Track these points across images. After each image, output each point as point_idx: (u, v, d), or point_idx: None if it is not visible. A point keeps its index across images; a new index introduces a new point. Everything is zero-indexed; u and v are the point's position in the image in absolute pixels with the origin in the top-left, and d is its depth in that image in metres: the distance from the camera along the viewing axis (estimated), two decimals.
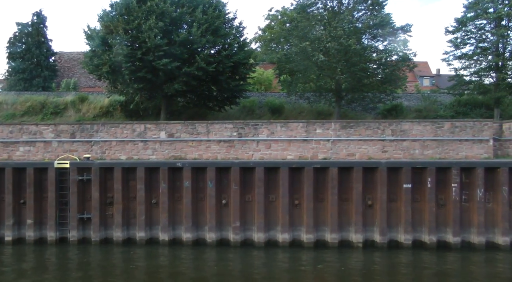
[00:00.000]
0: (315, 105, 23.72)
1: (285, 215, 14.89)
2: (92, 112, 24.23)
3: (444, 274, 12.79)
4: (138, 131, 17.08)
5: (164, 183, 15.40)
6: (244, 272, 12.94)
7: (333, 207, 14.77)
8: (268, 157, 16.34)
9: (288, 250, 14.72)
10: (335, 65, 18.64)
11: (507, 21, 21.68)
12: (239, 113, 23.57)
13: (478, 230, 14.80)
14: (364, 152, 16.16)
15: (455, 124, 16.29)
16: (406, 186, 14.67)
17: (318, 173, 14.98)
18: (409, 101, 26.53)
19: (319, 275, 12.55)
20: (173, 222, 15.57)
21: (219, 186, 15.34)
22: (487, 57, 22.30)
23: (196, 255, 14.51)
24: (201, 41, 18.27)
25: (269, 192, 15.19)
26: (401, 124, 16.21)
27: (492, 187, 15.06)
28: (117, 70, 18.55)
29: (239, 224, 15.05)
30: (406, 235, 14.74)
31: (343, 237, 14.96)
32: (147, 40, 17.82)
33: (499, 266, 13.61)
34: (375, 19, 18.89)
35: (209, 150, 16.57)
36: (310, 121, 16.40)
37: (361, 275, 12.64)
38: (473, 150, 16.28)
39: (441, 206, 15.04)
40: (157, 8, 18.28)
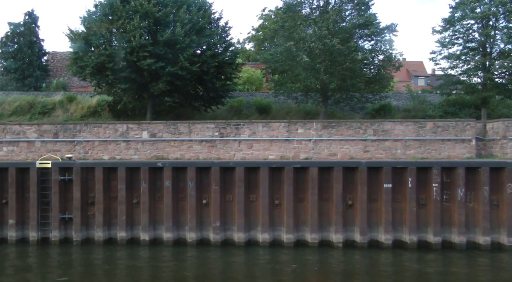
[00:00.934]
0: (302, 105, 23.68)
1: (265, 215, 14.86)
2: (80, 112, 24.20)
3: (423, 274, 12.76)
4: (121, 131, 17.06)
5: (145, 182, 15.38)
6: (224, 272, 12.92)
7: (313, 207, 14.74)
8: (250, 156, 16.31)
9: (268, 250, 14.70)
10: (319, 65, 18.60)
11: (494, 21, 21.62)
12: (226, 113, 23.54)
13: (459, 230, 14.76)
14: (346, 151, 16.11)
15: (438, 124, 16.24)
16: (387, 186, 14.63)
17: (298, 173, 14.95)
18: (398, 101, 26.48)
19: (298, 275, 12.53)
20: (154, 222, 15.56)
21: (199, 185, 15.32)
22: (474, 57, 22.24)
23: (177, 255, 14.50)
24: (184, 41, 18.23)
25: (250, 191, 15.17)
26: (383, 124, 16.16)
27: (473, 187, 15.01)
28: (100, 70, 18.53)
29: (219, 223, 15.03)
30: (386, 235, 14.70)
31: (323, 237, 14.93)
32: (131, 40, 17.80)
33: (479, 266, 13.57)
34: (360, 19, 18.83)
35: (191, 150, 16.55)
36: (292, 121, 16.38)
37: (339, 274, 12.64)
38: (456, 149, 16.24)
39: (422, 206, 15.00)
40: (141, 8, 18.25)
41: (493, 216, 15.00)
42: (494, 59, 21.99)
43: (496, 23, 21.82)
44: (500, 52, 22.40)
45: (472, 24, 22.23)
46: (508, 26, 21.45)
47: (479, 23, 22.07)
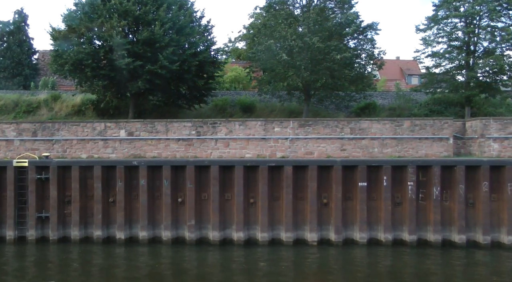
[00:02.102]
0: (287, 104, 23.63)
1: (240, 214, 14.83)
2: (65, 111, 24.16)
3: (397, 271, 12.73)
4: (99, 129, 17.03)
5: (121, 181, 15.35)
6: (198, 270, 12.90)
7: (287, 206, 14.70)
8: (226, 155, 16.27)
9: (243, 248, 14.68)
10: (299, 63, 18.54)
11: (478, 19, 21.54)
12: (210, 111, 23.48)
13: (434, 228, 14.74)
14: (322, 150, 16.06)
15: (415, 123, 16.19)
16: (362, 184, 14.59)
17: (273, 172, 14.92)
18: (384, 99, 26.41)
19: (267, 273, 12.50)
20: (129, 220, 15.54)
21: (175, 184, 15.30)
22: (458, 55, 22.16)
23: (152, 253, 14.51)
24: (164, 40, 18.18)
25: (225, 190, 15.14)
26: (360, 122, 16.11)
27: (449, 185, 14.98)
28: (79, 68, 18.50)
29: (194, 222, 15.00)
30: (361, 233, 14.67)
31: (299, 236, 14.90)
32: (109, 39, 17.76)
33: (453, 263, 13.52)
34: (341, 18, 18.74)
35: (168, 149, 16.51)
36: (269, 120, 16.33)
37: (310, 272, 12.60)
38: (433, 148, 16.18)
39: (397, 204, 14.97)
40: (120, 7, 18.20)
41: (469, 214, 14.98)
42: (477, 58, 21.91)
43: (479, 22, 21.73)
44: (484, 50, 22.33)
45: (456, 23, 22.16)
46: (490, 25, 21.39)
47: (463, 22, 21.99)
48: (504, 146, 16.38)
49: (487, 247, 14.68)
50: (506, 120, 16.51)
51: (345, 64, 18.52)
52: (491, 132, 16.33)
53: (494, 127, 16.36)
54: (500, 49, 22.32)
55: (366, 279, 12.24)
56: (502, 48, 22.31)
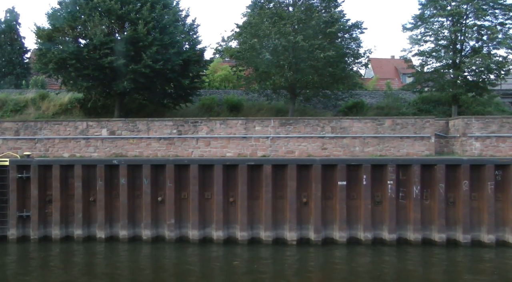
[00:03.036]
0: (274, 103, 23.60)
1: (219, 213, 14.81)
2: (52, 110, 24.13)
3: (376, 271, 12.66)
4: (81, 129, 17.00)
5: (101, 180, 15.33)
6: (177, 269, 12.93)
7: (267, 205, 14.68)
8: (207, 154, 16.24)
9: (222, 247, 14.67)
10: (283, 62, 18.51)
11: (464, 18, 21.49)
12: (197, 110, 23.46)
13: (414, 227, 14.71)
14: (303, 149, 16.03)
15: (396, 122, 16.15)
16: (341, 183, 14.56)
17: (253, 171, 14.90)
18: (373, 98, 26.38)
19: (249, 272, 12.50)
20: (110, 219, 15.53)
21: (155, 183, 15.28)
22: (445, 54, 22.11)
23: (132, 252, 14.51)
24: (147, 39, 18.15)
25: (205, 189, 15.12)
26: (341, 121, 16.07)
27: (429, 184, 14.95)
28: (63, 67, 18.48)
29: (174, 221, 14.99)
30: (341, 232, 14.64)
31: (278, 235, 14.87)
32: (93, 38, 17.73)
33: (433, 262, 13.48)
34: (325, 17, 18.68)
35: (149, 147, 16.49)
36: (249, 119, 16.30)
37: (287, 271, 12.56)
38: (415, 147, 16.15)
39: (377, 203, 14.94)
40: (103, 5, 18.17)
41: (449, 213, 14.95)
42: (464, 57, 21.87)
43: (466, 20, 21.69)
44: (471, 49, 22.29)
45: (443, 22, 22.10)
46: (477, 24, 21.34)
47: (450, 21, 21.95)
48: (486, 144, 16.35)
49: (467, 246, 14.66)
50: (488, 119, 16.48)
51: (329, 63, 18.45)
52: (473, 131, 16.30)
53: (476, 126, 16.33)
54: (487, 48, 22.29)
55: (345, 278, 12.20)
56: (489, 47, 22.28)
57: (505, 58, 22.08)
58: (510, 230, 14.74)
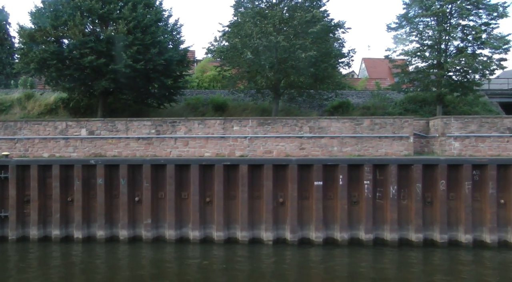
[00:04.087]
0: (260, 103, 23.58)
1: (196, 213, 14.80)
2: (38, 110, 24.10)
3: (352, 271, 12.61)
4: (60, 128, 16.98)
5: (78, 180, 15.32)
6: (152, 269, 12.85)
7: (243, 205, 14.65)
8: (186, 154, 16.21)
9: (199, 247, 14.64)
10: (264, 62, 18.48)
11: (449, 17, 21.45)
12: (182, 110, 23.44)
13: (391, 227, 14.67)
14: (281, 149, 16.00)
15: (375, 121, 16.10)
16: (317, 183, 14.53)
17: (229, 171, 14.87)
18: (359, 98, 26.34)
19: (224, 272, 12.47)
20: (87, 219, 15.50)
21: (132, 183, 15.26)
22: (430, 54, 22.08)
23: (108, 252, 14.46)
24: (128, 39, 18.12)
25: (181, 189, 15.10)
26: (319, 121, 16.03)
27: (406, 184, 14.91)
28: (44, 67, 18.46)
29: (150, 221, 14.97)
30: (317, 232, 14.60)
31: (254, 235, 14.85)
32: (73, 37, 17.71)
33: (410, 262, 13.42)
34: (308, 17, 18.62)
35: (128, 147, 16.46)
36: (227, 119, 16.26)
37: (262, 272, 12.53)
38: (393, 147, 16.12)
39: (354, 203, 14.90)
40: (84, 5, 18.14)
41: (427, 213, 14.93)
42: (448, 57, 21.84)
43: (450, 20, 21.65)
44: (456, 49, 22.26)
45: (428, 22, 22.07)
46: (462, 24, 21.32)
47: (434, 21, 21.92)
48: (465, 144, 16.32)
49: (444, 246, 14.63)
50: (467, 119, 16.45)
51: (311, 63, 18.41)
52: (452, 131, 16.28)
53: (455, 126, 16.30)
54: (472, 48, 22.26)
55: (319, 279, 12.17)
56: (474, 47, 22.25)
57: (490, 58, 22.06)
58: (488, 230, 14.71)
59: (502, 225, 14.78)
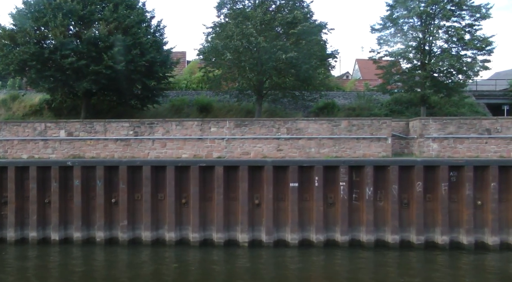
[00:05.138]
0: (245, 104, 23.56)
1: (172, 214, 14.78)
2: (23, 111, 24.11)
3: (328, 271, 12.64)
4: (39, 130, 16.95)
5: (56, 182, 15.30)
6: (128, 271, 12.88)
7: (219, 206, 14.63)
8: (163, 155, 16.19)
9: (174, 249, 14.63)
10: (244, 64, 18.48)
11: (433, 18, 21.45)
12: (167, 111, 23.43)
13: (367, 229, 14.65)
14: (259, 150, 15.98)
15: (352, 123, 16.08)
16: (293, 185, 14.51)
17: (205, 172, 14.86)
18: (346, 99, 26.34)
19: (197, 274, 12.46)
20: (64, 221, 15.48)
21: (108, 184, 15.25)
22: (415, 55, 22.09)
23: (84, 255, 14.44)
24: (108, 40, 18.12)
25: (158, 190, 15.10)
26: (296, 122, 16.01)
27: (383, 185, 14.90)
28: (24, 68, 18.46)
29: (127, 222, 14.95)
30: (292, 234, 14.58)
31: (230, 236, 14.83)
32: (53, 38, 17.71)
33: (385, 264, 13.39)
34: (289, 18, 18.62)
35: (106, 149, 16.44)
36: (205, 120, 16.24)
37: (224, 274, 12.52)
38: (371, 148, 16.09)
39: (330, 205, 14.88)
40: (65, 6, 18.13)
41: (403, 214, 14.91)
42: (433, 58, 21.83)
43: (434, 21, 21.65)
44: (441, 50, 22.26)
45: (412, 23, 22.08)
46: (440, 25, 21.31)
47: (418, 22, 21.93)
48: (444, 145, 16.30)
49: (421, 247, 14.62)
50: (446, 120, 16.44)
51: (292, 64, 18.40)
52: (430, 132, 16.26)
53: (434, 127, 16.28)
54: (456, 49, 22.26)
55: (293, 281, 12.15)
56: (458, 48, 22.25)
57: (474, 59, 22.07)
58: (465, 231, 14.69)
59: (478, 227, 14.77)
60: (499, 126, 16.40)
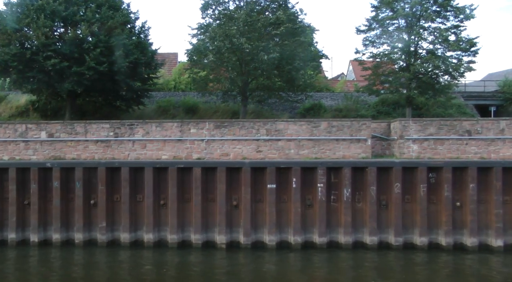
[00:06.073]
0: (231, 105, 23.57)
1: (150, 215, 14.78)
2: (9, 112, 24.10)
3: (307, 274, 12.61)
4: (20, 131, 16.95)
5: (35, 183, 15.29)
6: (106, 273, 12.87)
7: (196, 207, 14.64)
8: (143, 156, 16.20)
9: (152, 250, 14.62)
10: (226, 64, 18.48)
11: (415, 21, 21.48)
12: (153, 113, 23.44)
13: (345, 230, 14.65)
14: (238, 151, 15.98)
15: (332, 124, 16.09)
16: (271, 186, 14.51)
17: (183, 173, 14.87)
18: (333, 100, 26.34)
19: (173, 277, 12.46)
20: (43, 223, 15.46)
21: (87, 186, 15.25)
22: (400, 56, 22.11)
23: (63, 256, 14.39)
24: (91, 41, 18.13)
25: (136, 192, 15.10)
26: (276, 124, 16.02)
27: (361, 187, 14.90)
28: (6, 69, 18.46)
29: (105, 224, 14.95)
30: (270, 236, 14.57)
31: (208, 238, 14.82)
32: (35, 40, 17.72)
33: (363, 266, 13.37)
34: (272, 19, 18.63)
35: (87, 150, 16.44)
36: (185, 121, 16.25)
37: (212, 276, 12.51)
38: (351, 149, 16.10)
39: (309, 206, 14.88)
40: (48, 7, 18.13)
41: (382, 216, 14.93)
42: (418, 59, 21.85)
43: (419, 22, 21.68)
44: (426, 52, 22.28)
45: (398, 24, 22.09)
46: (426, 26, 21.34)
47: (404, 23, 21.95)
48: (424, 146, 16.31)
49: (399, 249, 14.62)
50: (426, 121, 16.44)
51: (274, 65, 18.39)
52: (410, 133, 16.27)
53: (414, 128, 16.29)
54: (442, 50, 22.29)
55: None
56: (444, 49, 22.27)
57: (459, 60, 22.09)
58: (443, 233, 14.71)
59: (457, 228, 14.78)
60: (480, 128, 16.42)
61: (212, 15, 20.16)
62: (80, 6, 18.81)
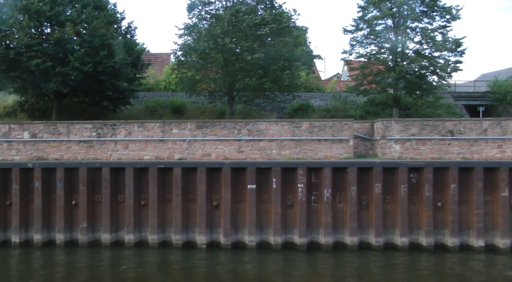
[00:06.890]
0: (219, 105, 23.58)
1: (130, 216, 14.80)
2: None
3: (288, 275, 12.58)
4: (3, 131, 16.96)
5: (16, 184, 15.30)
6: (86, 273, 12.86)
7: (177, 208, 14.66)
8: (126, 157, 16.21)
9: (133, 250, 14.63)
10: (210, 65, 18.49)
11: (402, 21, 21.49)
12: (141, 113, 23.45)
13: (325, 231, 14.65)
14: (220, 152, 16.00)
15: (314, 124, 16.10)
16: (251, 187, 14.52)
17: (164, 174, 14.88)
18: (322, 100, 26.34)
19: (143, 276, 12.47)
20: (25, 223, 15.46)
21: (69, 186, 15.26)
22: (387, 57, 22.12)
23: (44, 257, 14.39)
24: (75, 41, 18.14)
25: (117, 192, 15.11)
26: (257, 124, 16.03)
27: (342, 187, 14.90)
28: None
29: (86, 224, 14.97)
30: (250, 236, 14.59)
31: (189, 238, 14.83)
32: (17, 41, 17.74)
33: (344, 266, 13.37)
34: (257, 19, 18.63)
35: (69, 150, 16.46)
36: (167, 122, 16.27)
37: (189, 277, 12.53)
38: (333, 149, 16.11)
39: (289, 207, 14.88)
40: (32, 7, 18.13)
41: (362, 216, 14.93)
42: (405, 59, 21.86)
43: (406, 23, 21.69)
44: (413, 52, 22.29)
45: (385, 25, 22.10)
46: (412, 26, 21.35)
47: (391, 23, 21.96)
48: (406, 147, 16.33)
49: (380, 249, 14.62)
50: (408, 121, 16.46)
51: (258, 65, 18.39)
52: (392, 133, 16.28)
53: (396, 128, 16.30)
54: (429, 50, 22.30)
55: None
56: (431, 49, 22.28)
57: (447, 60, 22.10)
58: (424, 233, 14.71)
59: (438, 228, 14.78)
60: (462, 128, 16.44)
61: (198, 16, 20.15)
62: (65, 6, 18.80)
